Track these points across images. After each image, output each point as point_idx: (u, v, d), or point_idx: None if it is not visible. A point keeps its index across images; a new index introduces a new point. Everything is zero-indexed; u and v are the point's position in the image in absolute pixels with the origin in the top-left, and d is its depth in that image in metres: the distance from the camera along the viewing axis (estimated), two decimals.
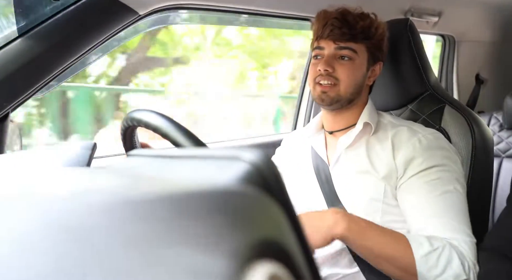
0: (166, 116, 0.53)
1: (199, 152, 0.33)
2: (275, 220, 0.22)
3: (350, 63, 0.92)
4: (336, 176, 0.97)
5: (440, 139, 0.92)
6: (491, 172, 1.08)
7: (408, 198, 0.88)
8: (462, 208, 0.86)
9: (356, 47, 0.92)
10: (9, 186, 0.23)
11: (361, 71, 0.94)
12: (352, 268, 0.91)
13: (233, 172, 0.25)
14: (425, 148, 0.88)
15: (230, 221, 0.19)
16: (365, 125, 0.95)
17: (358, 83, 0.95)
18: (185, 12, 1.28)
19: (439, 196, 0.85)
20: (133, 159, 0.42)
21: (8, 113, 0.96)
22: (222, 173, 0.26)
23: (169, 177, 0.27)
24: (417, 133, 0.91)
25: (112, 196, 0.19)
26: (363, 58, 0.94)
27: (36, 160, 0.45)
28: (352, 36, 0.91)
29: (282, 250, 0.20)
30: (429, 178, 0.86)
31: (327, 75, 0.92)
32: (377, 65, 0.98)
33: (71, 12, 0.97)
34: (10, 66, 0.92)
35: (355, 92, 0.94)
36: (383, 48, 0.98)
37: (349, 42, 0.92)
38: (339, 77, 0.92)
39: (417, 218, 0.86)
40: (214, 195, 0.20)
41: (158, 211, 0.18)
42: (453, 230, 0.82)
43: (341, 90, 0.92)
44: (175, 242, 0.16)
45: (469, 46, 1.87)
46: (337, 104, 0.95)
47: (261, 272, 0.17)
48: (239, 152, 0.27)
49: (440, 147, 0.90)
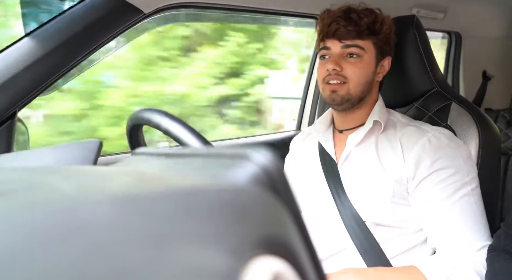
0: (171, 115, 0.53)
1: (204, 151, 0.33)
2: (279, 218, 0.22)
3: (358, 60, 0.92)
4: (345, 174, 0.97)
5: (449, 137, 0.91)
6: (499, 170, 1.07)
7: (423, 205, 0.87)
8: (478, 209, 0.85)
9: (363, 44, 0.92)
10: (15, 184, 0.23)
11: (369, 68, 0.94)
12: (359, 265, 0.91)
13: (238, 170, 0.25)
14: (435, 149, 0.87)
15: (234, 218, 0.19)
16: (374, 123, 0.94)
17: (368, 80, 0.94)
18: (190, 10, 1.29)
19: (455, 203, 0.84)
20: (138, 157, 0.42)
21: (16, 112, 0.96)
22: (227, 172, 0.26)
23: (174, 175, 0.27)
24: (427, 132, 0.90)
25: (117, 194, 0.19)
26: (371, 54, 0.93)
27: (43, 159, 0.45)
28: (358, 33, 0.90)
29: (286, 247, 0.20)
30: (441, 181, 0.86)
31: (335, 74, 0.91)
32: (385, 60, 0.98)
33: (76, 11, 0.98)
34: (17, 65, 0.93)
35: (365, 89, 0.94)
36: (391, 42, 0.97)
37: (355, 40, 0.91)
38: (348, 75, 0.91)
39: (434, 228, 0.86)
40: (218, 193, 0.20)
41: (163, 209, 0.18)
42: (471, 240, 0.82)
43: (351, 88, 0.92)
44: (179, 239, 0.17)
45: (475, 43, 1.86)
46: (347, 103, 0.93)
47: (264, 269, 0.17)
48: (245, 150, 0.27)
49: (450, 146, 0.89)
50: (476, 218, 0.84)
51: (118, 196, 0.19)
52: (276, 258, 0.19)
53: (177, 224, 0.17)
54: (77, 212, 0.17)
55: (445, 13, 1.65)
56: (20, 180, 0.25)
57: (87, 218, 0.16)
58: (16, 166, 0.43)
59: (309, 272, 0.22)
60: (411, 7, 1.56)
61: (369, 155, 0.93)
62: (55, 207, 0.17)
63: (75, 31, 0.98)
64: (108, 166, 0.36)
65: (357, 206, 0.92)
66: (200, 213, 0.18)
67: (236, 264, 0.16)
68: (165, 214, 0.18)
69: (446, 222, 0.84)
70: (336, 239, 0.94)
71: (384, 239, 0.90)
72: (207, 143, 0.50)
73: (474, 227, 0.83)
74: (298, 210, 0.25)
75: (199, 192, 0.20)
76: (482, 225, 0.84)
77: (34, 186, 0.22)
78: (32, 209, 0.17)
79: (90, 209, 0.17)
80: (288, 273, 0.19)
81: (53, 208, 0.17)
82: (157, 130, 0.53)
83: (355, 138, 0.95)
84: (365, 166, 0.93)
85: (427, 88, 1.12)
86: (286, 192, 0.25)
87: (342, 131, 1.01)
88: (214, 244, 0.17)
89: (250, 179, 0.24)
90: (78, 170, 0.30)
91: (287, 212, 0.23)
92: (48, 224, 0.16)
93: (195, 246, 0.17)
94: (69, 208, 0.17)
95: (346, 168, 0.97)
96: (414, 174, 0.88)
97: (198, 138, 0.49)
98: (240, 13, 1.37)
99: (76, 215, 0.16)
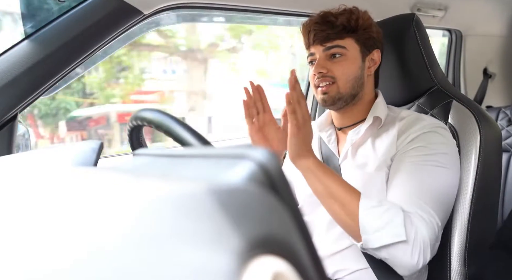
0: (171, 115, 0.53)
1: (204, 151, 0.33)
2: (279, 218, 0.22)
3: (342, 59, 0.94)
4: (345, 170, 0.98)
5: (442, 131, 0.91)
6: (500, 167, 1.07)
7: (391, 175, 0.88)
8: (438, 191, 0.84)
9: (343, 43, 0.94)
10: (18, 186, 0.23)
11: (355, 64, 0.95)
12: (360, 264, 0.91)
13: (238, 170, 0.25)
14: (424, 131, 0.89)
15: (234, 218, 0.19)
16: (374, 119, 0.96)
17: (356, 76, 0.95)
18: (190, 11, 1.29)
19: (416, 175, 0.84)
20: (139, 158, 0.42)
21: (17, 114, 0.97)
22: (227, 172, 0.26)
23: (174, 175, 0.27)
24: (423, 120, 0.92)
25: (118, 195, 0.19)
26: (354, 51, 0.95)
27: (44, 161, 0.45)
28: (336, 33, 0.94)
29: (286, 247, 0.20)
30: (416, 157, 0.86)
31: (322, 77, 0.95)
32: (374, 53, 0.98)
33: (76, 13, 0.98)
34: (18, 67, 0.93)
35: (355, 85, 0.96)
36: (374, 36, 0.98)
37: (335, 40, 0.94)
38: (336, 75, 0.94)
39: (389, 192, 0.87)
40: (219, 193, 0.20)
41: (163, 209, 0.18)
42: (415, 205, 0.81)
43: (340, 87, 0.94)
44: (179, 239, 0.17)
45: (476, 40, 1.85)
46: (340, 102, 0.96)
47: (265, 268, 0.17)
48: (245, 150, 0.27)
49: (440, 134, 0.90)
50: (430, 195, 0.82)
51: (119, 199, 0.19)
52: (276, 258, 0.19)
53: (176, 225, 0.17)
54: (77, 214, 0.17)
55: (445, 11, 1.65)
56: None
57: (86, 221, 0.16)
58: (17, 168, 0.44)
59: (309, 271, 0.22)
60: (411, 5, 1.56)
61: (368, 151, 0.95)
62: (57, 210, 0.17)
63: (75, 33, 0.98)
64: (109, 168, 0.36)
65: None
66: (200, 213, 0.18)
67: (237, 264, 0.16)
68: (165, 215, 0.18)
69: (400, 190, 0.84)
70: (338, 238, 0.94)
71: None
72: (207, 143, 0.50)
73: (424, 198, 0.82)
74: (298, 209, 0.25)
75: (199, 192, 0.20)
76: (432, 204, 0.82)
77: (38, 190, 0.22)
78: (35, 212, 0.17)
79: (90, 212, 0.17)
80: (288, 272, 0.19)
81: (55, 211, 0.17)
82: (158, 130, 0.53)
83: (355, 135, 0.97)
84: (364, 162, 0.94)
85: (427, 86, 1.12)
86: (285, 191, 0.25)
87: (341, 129, 1.02)
88: (214, 244, 0.17)
89: (249, 179, 0.24)
90: (78, 172, 0.30)
91: (286, 211, 0.23)
92: (51, 228, 0.16)
93: (195, 246, 0.17)
94: (70, 211, 0.17)
95: (347, 164, 0.98)
96: (399, 149, 0.89)
97: (198, 138, 0.50)
98: (240, 12, 1.37)
99: (77, 218, 0.17)
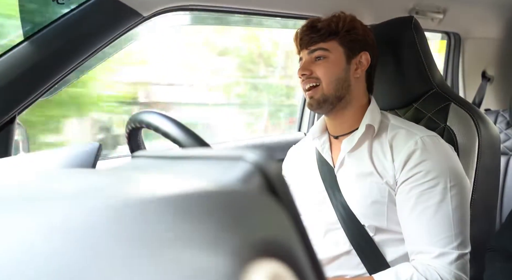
0: (170, 117, 0.53)
1: (203, 153, 0.33)
2: (278, 221, 0.22)
3: (324, 61, 0.96)
4: (341, 179, 0.97)
5: (436, 142, 0.91)
6: (498, 170, 1.07)
7: (399, 208, 0.89)
8: (455, 215, 0.84)
9: (326, 46, 0.96)
10: (14, 187, 0.23)
11: (338, 66, 0.96)
12: (359, 269, 0.91)
13: (237, 172, 0.25)
14: (420, 152, 0.88)
15: (233, 220, 0.19)
16: (367, 127, 0.95)
17: (340, 77, 0.96)
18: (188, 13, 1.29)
19: (427, 209, 0.84)
20: (138, 160, 0.42)
21: (15, 116, 0.97)
22: (225, 174, 0.26)
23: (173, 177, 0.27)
24: (415, 135, 0.90)
25: (116, 197, 0.19)
26: (337, 53, 0.97)
27: (42, 162, 0.45)
28: (319, 37, 0.96)
29: (285, 249, 0.20)
30: (419, 185, 0.86)
31: (307, 78, 0.97)
32: (361, 56, 0.98)
33: (75, 15, 0.98)
34: (17, 69, 0.93)
35: (339, 87, 0.96)
36: (359, 38, 0.98)
37: (318, 43, 0.97)
38: (319, 76, 0.96)
39: (405, 232, 0.88)
40: (217, 195, 0.20)
41: (161, 212, 0.18)
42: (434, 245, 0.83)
43: (324, 88, 0.95)
44: (177, 242, 0.17)
45: (474, 43, 1.86)
46: (326, 105, 0.96)
47: (263, 271, 0.17)
48: (243, 152, 0.27)
49: (436, 150, 0.89)
50: (451, 224, 0.83)
51: (117, 201, 0.19)
52: (275, 261, 0.19)
53: (175, 227, 0.17)
54: (75, 216, 0.17)
55: (444, 14, 1.65)
56: None
57: (84, 223, 0.16)
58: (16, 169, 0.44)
59: (308, 274, 0.22)
60: (410, 8, 1.56)
61: (363, 160, 0.94)
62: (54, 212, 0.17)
63: (74, 35, 0.98)
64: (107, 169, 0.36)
65: (356, 210, 0.92)
66: (198, 216, 0.18)
67: (235, 267, 0.16)
68: (163, 217, 0.18)
69: (412, 228, 0.86)
70: (336, 243, 0.94)
71: (384, 242, 0.90)
72: (205, 145, 0.50)
73: (441, 233, 0.83)
74: (297, 212, 0.25)
75: (197, 195, 0.20)
76: (457, 231, 0.83)
77: (35, 191, 0.22)
78: (31, 214, 0.17)
79: (88, 214, 0.17)
80: (287, 276, 0.19)
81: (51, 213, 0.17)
82: (156, 132, 0.53)
83: (349, 143, 0.96)
84: (360, 171, 0.93)
85: (426, 89, 1.12)
86: (285, 194, 0.25)
87: (337, 137, 1.01)
88: (212, 247, 0.17)
89: (248, 181, 0.24)
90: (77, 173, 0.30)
91: (285, 214, 0.23)
92: (47, 229, 0.16)
93: (194, 249, 0.17)
94: (67, 212, 0.17)
95: (342, 173, 0.97)
96: (399, 175, 0.89)
97: (196, 140, 0.49)
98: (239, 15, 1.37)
99: (74, 220, 0.16)
